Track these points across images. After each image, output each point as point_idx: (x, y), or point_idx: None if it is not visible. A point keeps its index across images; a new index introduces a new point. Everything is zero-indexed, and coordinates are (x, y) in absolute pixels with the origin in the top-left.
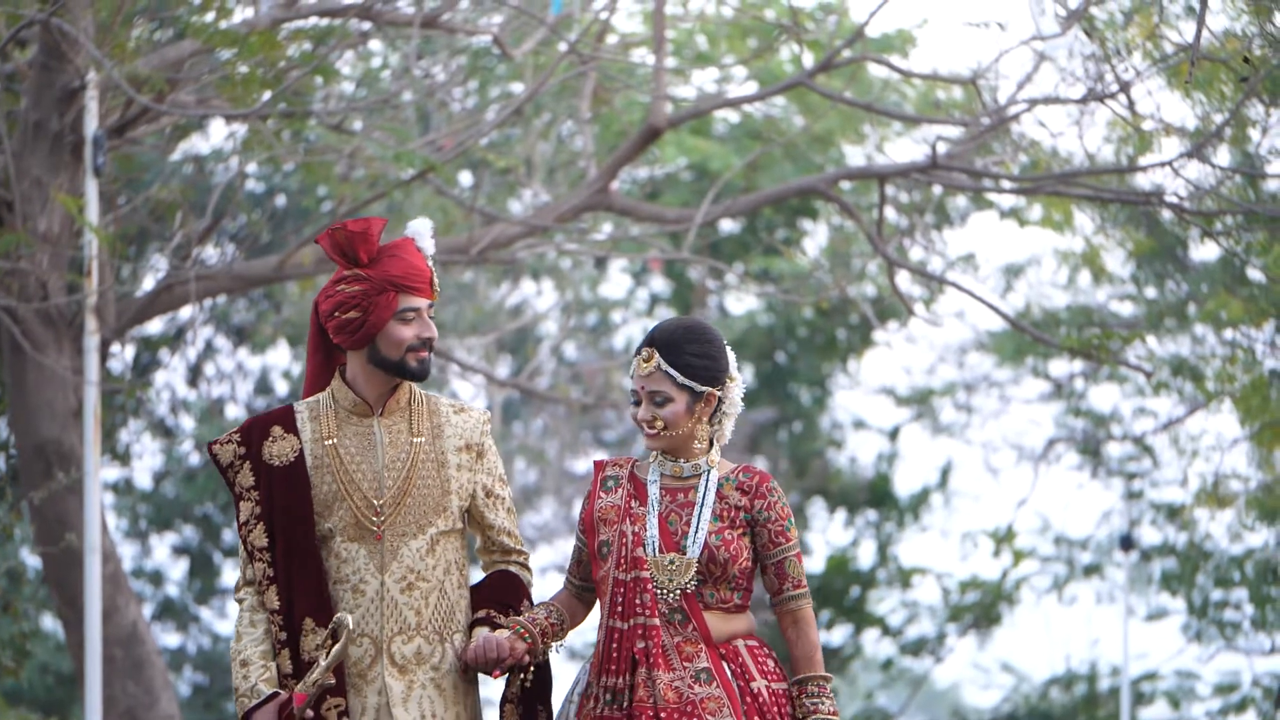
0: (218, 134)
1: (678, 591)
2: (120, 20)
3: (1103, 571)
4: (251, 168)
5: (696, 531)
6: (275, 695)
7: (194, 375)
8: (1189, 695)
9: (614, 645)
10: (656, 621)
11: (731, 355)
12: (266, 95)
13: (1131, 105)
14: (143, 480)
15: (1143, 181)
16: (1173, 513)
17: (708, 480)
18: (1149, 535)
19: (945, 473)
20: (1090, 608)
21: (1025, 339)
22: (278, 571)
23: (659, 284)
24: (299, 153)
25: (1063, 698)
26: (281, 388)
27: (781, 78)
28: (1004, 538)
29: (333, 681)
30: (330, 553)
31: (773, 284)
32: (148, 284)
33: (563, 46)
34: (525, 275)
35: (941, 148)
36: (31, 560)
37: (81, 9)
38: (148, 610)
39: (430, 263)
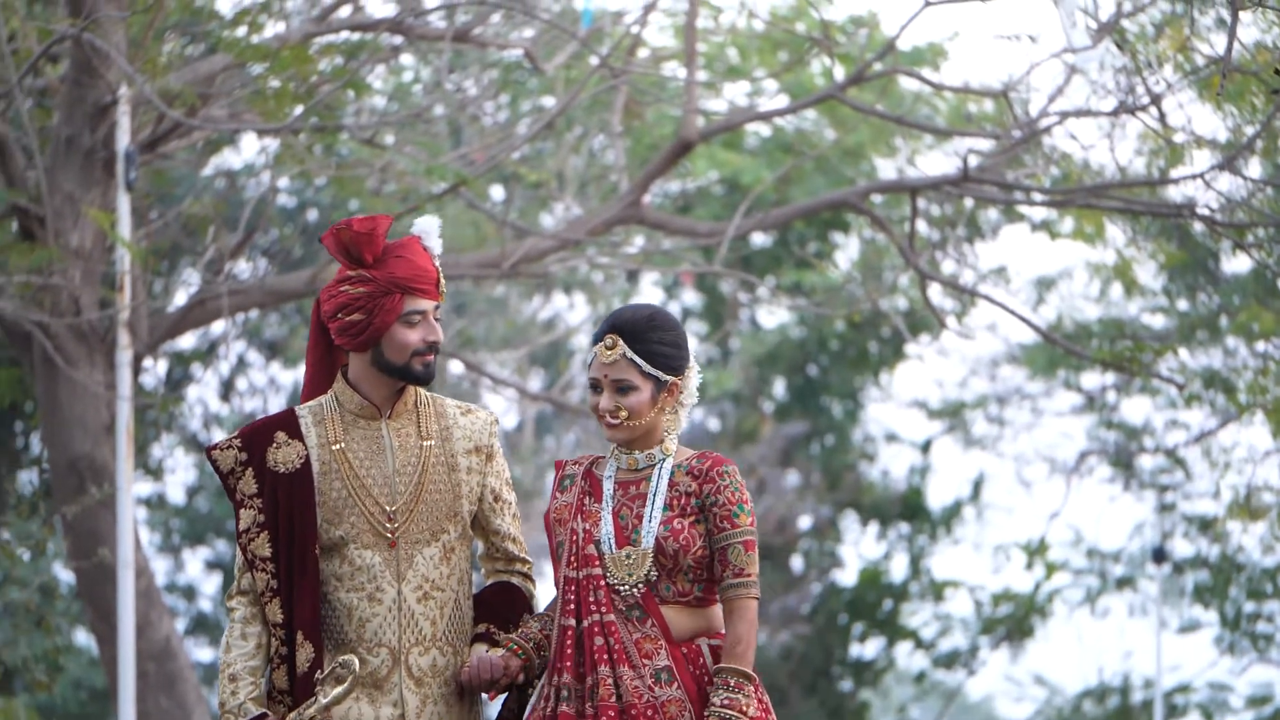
0: (249, 149)
1: (639, 586)
2: (152, 35)
3: (1135, 584)
4: (283, 182)
5: (649, 521)
6: (264, 716)
7: (226, 390)
8: (1222, 708)
9: (568, 643)
10: (613, 618)
11: (691, 343)
12: (298, 110)
13: (1163, 118)
14: (175, 495)
15: (1174, 194)
16: (1205, 525)
17: (661, 470)
18: (1181, 548)
19: (977, 485)
20: (1123, 620)
21: (1057, 351)
22: (281, 583)
23: (691, 298)
24: (331, 167)
25: (1095, 710)
26: None
27: (813, 91)
28: (1036, 550)
29: None
30: (344, 560)
31: (804, 297)
32: (180, 299)
33: (594, 60)
34: (557, 289)
35: (973, 160)
36: (64, 575)
37: (113, 24)
38: (181, 625)
39: (437, 262)
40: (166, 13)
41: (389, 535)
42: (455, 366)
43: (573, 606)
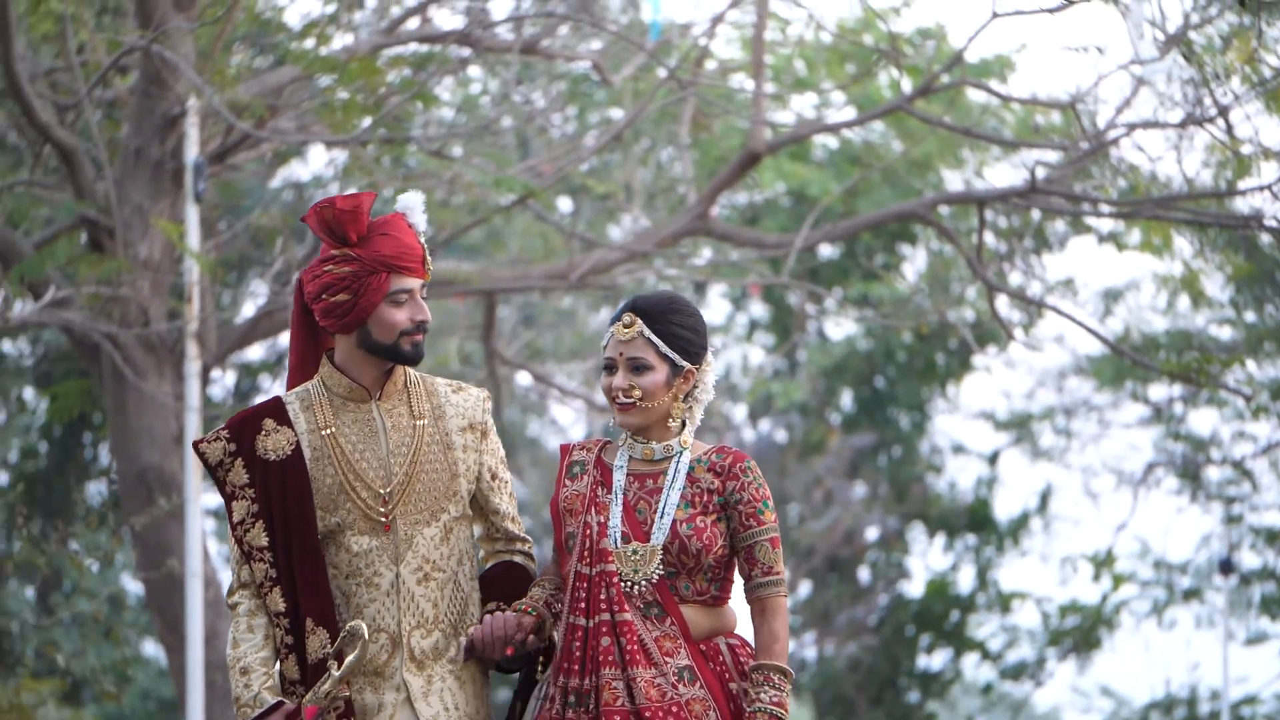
0: (317, 160)
1: (645, 583)
2: (220, 47)
3: (1202, 595)
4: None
5: (662, 517)
6: (280, 704)
7: None
8: None
9: (575, 643)
10: (629, 616)
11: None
12: (366, 121)
13: (1230, 129)
14: None
15: (1241, 205)
16: (1272, 536)
17: (678, 463)
18: (1248, 559)
19: (1045, 497)
20: (1190, 632)
21: (1124, 363)
22: (280, 572)
23: (758, 309)
24: (399, 179)
25: None
26: None
27: (880, 103)
28: (1103, 562)
29: (347, 694)
30: (340, 547)
31: (872, 309)
32: (248, 310)
33: (662, 72)
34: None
35: (1040, 172)
36: (133, 586)
37: (182, 36)
38: None
39: (422, 240)
40: (235, 25)
41: (383, 519)
42: (523, 378)
43: (583, 604)
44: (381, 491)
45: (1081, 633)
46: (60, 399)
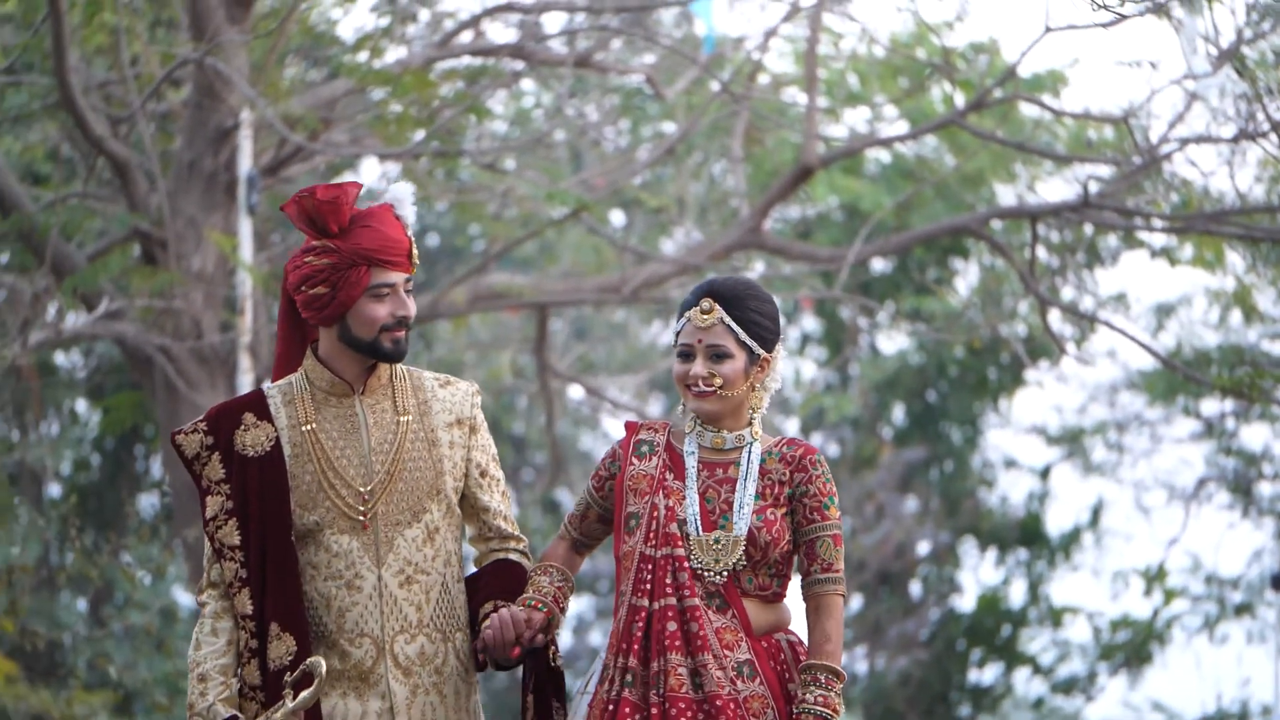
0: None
1: (725, 572)
2: (274, 60)
3: (1254, 611)
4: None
5: (742, 507)
6: (234, 718)
7: None
8: None
9: (637, 624)
10: (697, 602)
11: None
12: (419, 134)
13: None
14: None
15: None
16: None
17: (750, 454)
18: None
19: (1096, 512)
20: (1241, 647)
21: (1177, 378)
22: (251, 572)
23: (810, 323)
24: (452, 192)
25: None
26: None
27: (933, 117)
28: (1155, 577)
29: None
30: (319, 546)
31: (924, 323)
32: None
33: (715, 86)
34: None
35: (1093, 187)
36: (185, 598)
37: (236, 49)
38: None
39: (409, 233)
40: (289, 38)
41: (361, 518)
42: (575, 391)
43: (648, 586)
44: (361, 490)
45: (1133, 647)
46: (113, 411)
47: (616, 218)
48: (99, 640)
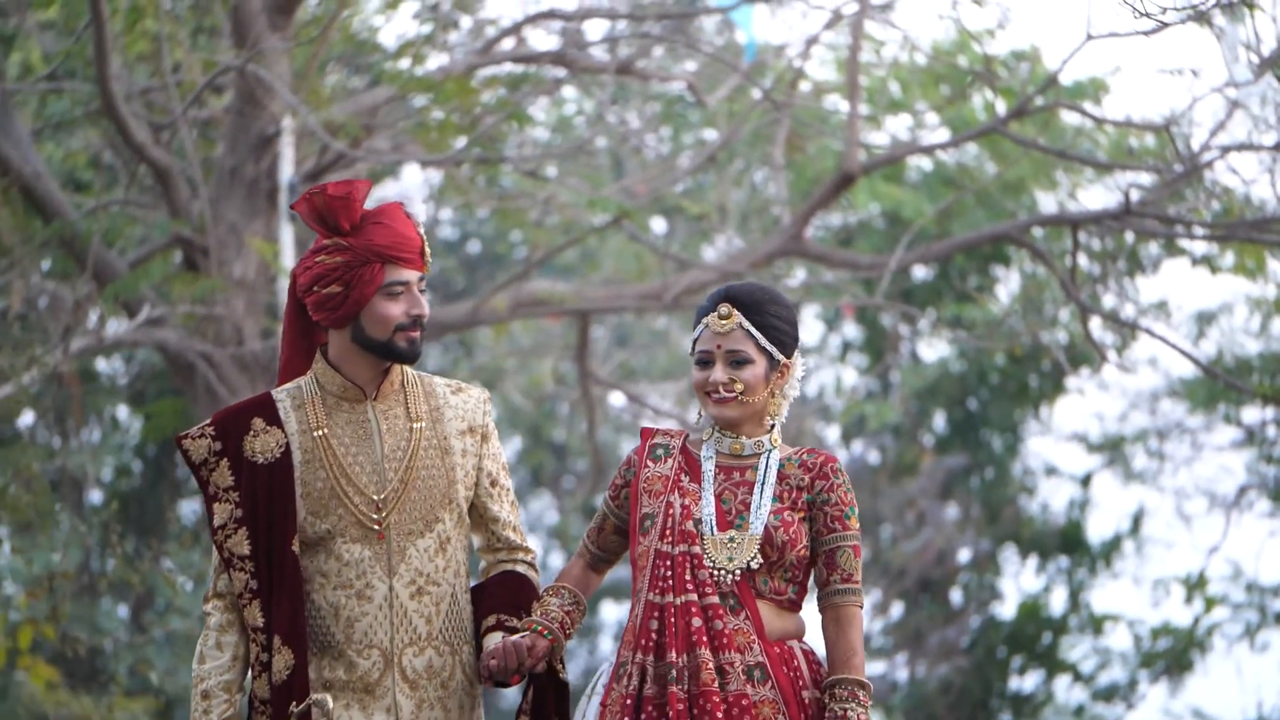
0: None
1: (738, 572)
2: (316, 67)
3: None
4: (446, 213)
5: (759, 508)
6: None
7: None
8: None
9: (653, 620)
10: (716, 600)
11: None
12: (461, 141)
13: None
14: None
15: None
16: None
17: (768, 460)
18: None
19: (1137, 519)
20: None
21: (1218, 386)
22: (261, 583)
23: (851, 330)
24: (493, 199)
25: None
26: None
27: (974, 124)
28: (1196, 585)
29: None
30: (330, 555)
31: (965, 330)
32: None
33: (756, 93)
34: None
35: (1134, 194)
36: None
37: (277, 56)
38: None
39: (421, 230)
40: (330, 45)
41: (375, 527)
42: (617, 398)
43: (667, 582)
44: (375, 498)
45: (1173, 655)
46: (154, 418)
47: (658, 225)
48: (140, 646)
